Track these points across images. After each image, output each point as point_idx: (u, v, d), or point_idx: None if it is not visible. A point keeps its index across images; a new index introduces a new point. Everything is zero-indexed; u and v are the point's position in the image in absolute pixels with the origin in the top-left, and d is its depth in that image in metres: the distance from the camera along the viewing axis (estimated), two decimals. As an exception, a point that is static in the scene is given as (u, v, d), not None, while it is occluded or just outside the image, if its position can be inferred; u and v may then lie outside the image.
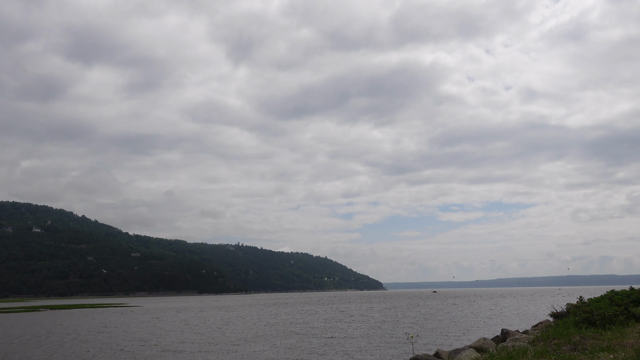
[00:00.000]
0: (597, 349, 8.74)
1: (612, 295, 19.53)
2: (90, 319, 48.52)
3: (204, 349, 21.74)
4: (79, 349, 22.78)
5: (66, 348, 23.16)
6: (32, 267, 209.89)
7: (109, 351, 21.76)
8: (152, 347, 22.80)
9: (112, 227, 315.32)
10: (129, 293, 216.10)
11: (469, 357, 11.16)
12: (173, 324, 39.56)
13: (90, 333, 30.70)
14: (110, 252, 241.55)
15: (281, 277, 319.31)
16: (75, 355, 20.58)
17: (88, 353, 21.44)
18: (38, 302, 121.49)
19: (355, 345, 21.75)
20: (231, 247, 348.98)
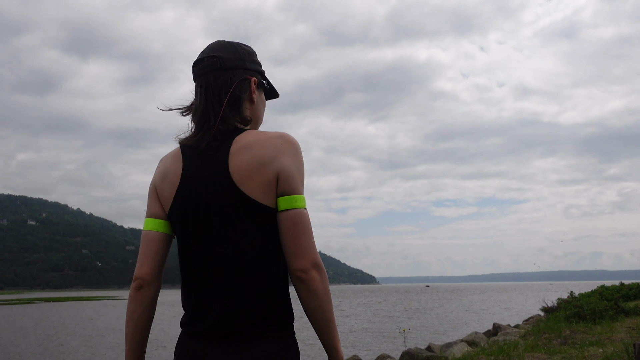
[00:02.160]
0: (586, 343, 8.87)
1: (602, 290, 19.77)
2: (80, 311, 48.59)
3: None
4: (60, 341, 22.87)
5: (50, 340, 23.23)
6: (27, 260, 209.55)
7: (88, 343, 21.82)
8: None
9: (107, 220, 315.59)
10: (123, 286, 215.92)
11: (460, 350, 11.28)
12: (160, 316, 39.72)
13: (77, 326, 30.78)
14: (105, 245, 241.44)
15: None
16: (55, 347, 20.65)
17: (67, 345, 21.53)
18: (33, 295, 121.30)
19: (347, 339, 21.90)
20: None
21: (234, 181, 1.30)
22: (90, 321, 35.11)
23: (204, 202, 1.34)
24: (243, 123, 1.42)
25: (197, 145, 1.37)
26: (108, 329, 28.58)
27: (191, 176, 1.37)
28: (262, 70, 1.53)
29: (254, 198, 1.30)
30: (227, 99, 1.38)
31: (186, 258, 1.46)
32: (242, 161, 1.31)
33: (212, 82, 1.39)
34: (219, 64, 1.41)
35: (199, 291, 1.37)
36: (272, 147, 1.34)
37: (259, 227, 1.32)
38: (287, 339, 1.36)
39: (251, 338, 1.30)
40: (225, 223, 1.32)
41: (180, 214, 1.41)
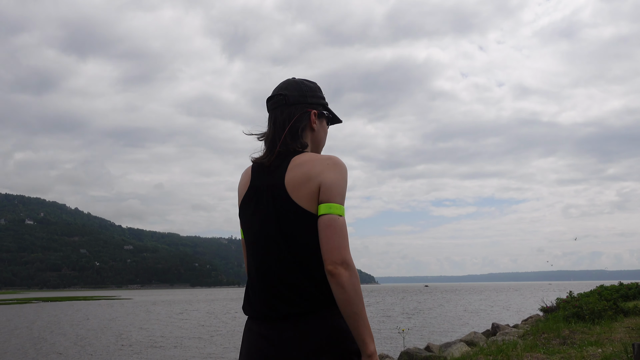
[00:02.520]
0: (585, 343, 8.84)
1: (601, 290, 19.73)
2: (75, 311, 48.46)
3: (179, 344, 21.79)
4: (51, 341, 22.80)
5: (40, 340, 23.16)
6: (25, 259, 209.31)
7: (80, 344, 21.73)
8: (125, 340, 22.90)
9: (105, 220, 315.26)
10: (121, 286, 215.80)
11: (459, 350, 11.25)
12: (158, 317, 39.63)
13: (71, 326, 30.69)
14: (103, 245, 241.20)
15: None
16: (47, 348, 20.59)
17: (59, 345, 21.47)
18: (30, 295, 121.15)
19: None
20: (224, 241, 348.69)
21: (287, 191, 1.64)
22: (86, 321, 35.04)
23: (263, 205, 1.69)
24: (302, 148, 1.74)
25: (263, 163, 1.74)
26: (98, 329, 28.52)
27: (256, 185, 1.74)
28: (324, 102, 1.87)
29: (300, 205, 1.62)
30: (287, 129, 1.74)
31: (249, 255, 1.75)
32: (294, 175, 1.64)
33: (279, 116, 1.78)
34: (284, 101, 1.79)
35: (255, 284, 1.70)
36: (319, 165, 1.65)
37: (305, 228, 1.62)
38: (331, 318, 1.60)
39: (300, 319, 1.59)
40: (278, 224, 1.64)
41: (244, 217, 1.76)
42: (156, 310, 46.80)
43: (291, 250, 1.63)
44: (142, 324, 31.81)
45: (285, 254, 1.63)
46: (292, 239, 1.63)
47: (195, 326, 29.28)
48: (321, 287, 1.60)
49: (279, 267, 1.63)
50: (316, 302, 1.59)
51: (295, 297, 1.60)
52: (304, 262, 1.62)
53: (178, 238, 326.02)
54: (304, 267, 1.61)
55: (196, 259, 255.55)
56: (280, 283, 1.62)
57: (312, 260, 1.61)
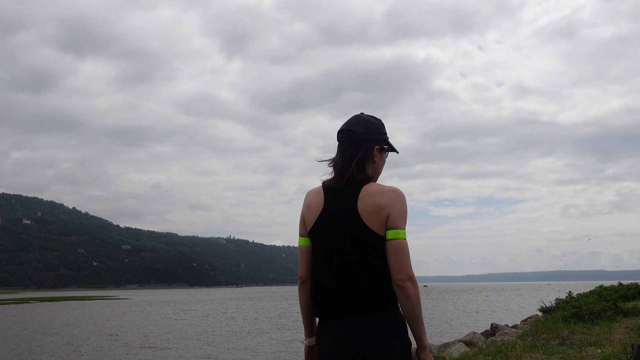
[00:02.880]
0: (585, 343, 8.80)
1: (600, 290, 19.69)
2: (71, 310, 48.30)
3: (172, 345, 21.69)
4: (41, 341, 22.68)
5: (31, 341, 23.04)
6: (22, 259, 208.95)
7: (72, 344, 21.63)
8: (118, 340, 22.77)
9: (103, 220, 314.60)
10: (119, 285, 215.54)
11: (458, 351, 11.20)
12: (153, 317, 39.54)
13: (65, 326, 30.55)
14: (101, 245, 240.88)
15: (273, 271, 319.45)
16: (38, 349, 20.47)
17: (49, 345, 21.37)
18: (28, 294, 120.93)
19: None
20: (222, 240, 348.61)
21: (360, 217, 2.00)
22: (78, 321, 34.95)
23: (338, 226, 2.04)
24: (366, 177, 2.09)
25: (334, 188, 2.08)
26: (90, 329, 28.42)
27: (330, 208, 2.07)
28: (385, 138, 2.19)
29: (371, 228, 1.99)
30: (355, 162, 2.08)
31: (319, 267, 2.11)
32: (366, 204, 2.01)
33: (347, 149, 2.10)
34: (353, 137, 2.11)
35: (327, 289, 2.07)
36: (387, 197, 2.01)
37: (374, 247, 2.00)
38: (387, 315, 2.00)
39: (369, 315, 2.00)
40: (353, 242, 2.02)
41: (319, 233, 2.10)
42: (152, 310, 46.70)
43: (362, 264, 2.01)
44: (136, 324, 31.73)
45: (358, 266, 2.01)
46: (363, 255, 2.01)
47: (189, 326, 29.23)
48: (382, 292, 2.01)
49: (352, 276, 2.02)
50: (377, 303, 2.00)
51: (363, 299, 2.00)
52: (372, 272, 2.01)
53: (176, 238, 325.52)
54: (371, 276, 2.01)
55: (194, 258, 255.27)
56: (353, 288, 2.01)
57: (377, 272, 2.01)
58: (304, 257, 2.20)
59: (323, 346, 2.09)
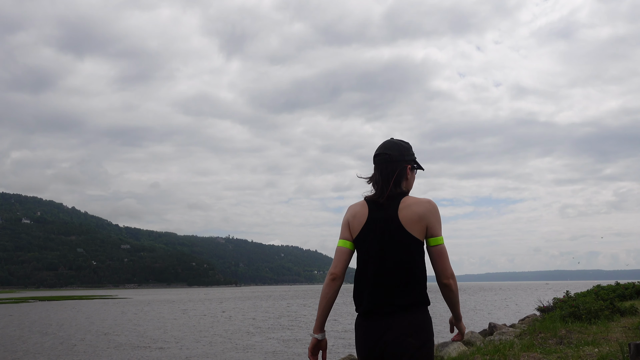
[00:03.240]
0: (582, 342, 8.84)
1: (598, 290, 19.77)
2: (66, 310, 48.21)
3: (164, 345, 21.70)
4: (31, 341, 22.67)
5: (22, 340, 23.05)
6: (21, 258, 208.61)
7: (66, 344, 21.63)
8: (116, 340, 22.78)
9: (102, 219, 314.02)
10: (118, 285, 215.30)
11: (456, 350, 11.26)
12: (152, 316, 39.55)
13: (61, 326, 30.53)
14: (100, 244, 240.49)
15: (271, 270, 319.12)
16: (32, 348, 20.48)
17: (38, 345, 21.37)
18: (27, 294, 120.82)
19: (342, 338, 21.86)
20: (221, 240, 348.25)
21: (402, 224, 2.41)
22: (75, 321, 34.93)
23: (382, 233, 2.45)
24: (402, 191, 2.52)
25: (377, 201, 2.50)
26: (86, 329, 28.42)
27: (375, 217, 2.48)
28: (414, 158, 2.61)
29: (412, 234, 2.40)
30: (392, 181, 2.50)
31: (365, 267, 2.49)
32: (407, 214, 2.42)
33: (384, 169, 2.52)
34: (389, 159, 2.53)
35: (373, 289, 2.44)
36: (424, 208, 2.42)
37: (414, 250, 2.41)
38: (426, 313, 2.44)
39: (406, 313, 2.38)
40: (395, 246, 2.42)
41: (365, 239, 2.49)
42: (150, 310, 46.68)
43: (403, 264, 2.41)
44: (134, 323, 31.74)
45: (400, 268, 2.41)
46: (404, 256, 2.41)
47: (187, 326, 29.24)
48: (419, 290, 2.43)
49: (394, 276, 2.41)
50: (414, 300, 2.40)
51: (402, 296, 2.39)
52: (411, 272, 2.41)
53: (175, 237, 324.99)
54: (411, 276, 2.41)
55: (193, 258, 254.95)
56: (394, 286, 2.41)
57: (416, 271, 2.43)
58: (342, 258, 2.55)
59: (362, 337, 2.47)
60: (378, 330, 2.39)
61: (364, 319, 2.46)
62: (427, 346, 2.40)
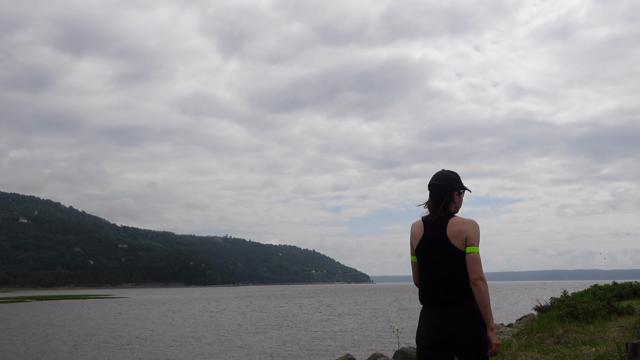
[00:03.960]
0: (579, 342, 8.86)
1: (595, 289, 19.79)
2: (63, 310, 48.07)
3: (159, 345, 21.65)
4: (14, 342, 22.60)
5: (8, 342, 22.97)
6: (19, 258, 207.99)
7: (64, 345, 21.56)
8: (115, 340, 22.72)
9: (100, 218, 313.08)
10: (116, 284, 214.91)
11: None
12: (151, 315, 39.52)
13: (52, 326, 30.44)
14: (98, 243, 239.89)
15: (269, 270, 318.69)
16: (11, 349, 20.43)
17: (34, 346, 21.30)
18: (24, 293, 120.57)
19: (340, 338, 21.86)
20: (219, 239, 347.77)
21: (449, 239, 3.16)
22: (68, 321, 34.84)
23: (434, 246, 3.22)
24: (450, 213, 3.27)
25: (430, 221, 3.27)
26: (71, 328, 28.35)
27: (429, 234, 3.25)
28: (461, 184, 3.34)
29: (456, 246, 3.14)
30: (441, 205, 3.26)
31: (424, 272, 3.28)
32: (453, 231, 3.16)
33: (435, 196, 3.29)
34: (438, 189, 3.29)
35: (429, 288, 3.23)
36: (465, 226, 3.16)
37: (459, 258, 3.14)
38: (470, 303, 3.11)
39: (458, 305, 3.12)
40: (444, 256, 3.17)
41: (422, 251, 3.28)
42: (148, 309, 46.62)
43: (451, 270, 3.16)
44: (131, 322, 31.70)
45: (448, 272, 3.16)
46: (451, 264, 3.16)
47: (186, 325, 29.22)
48: (464, 288, 3.12)
49: (445, 278, 3.17)
50: (461, 296, 3.13)
51: (452, 293, 3.14)
52: (457, 275, 3.15)
53: (173, 237, 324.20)
54: (457, 278, 3.15)
55: (191, 257, 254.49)
56: (446, 285, 3.16)
57: (460, 275, 3.14)
58: (415, 269, 3.39)
59: (424, 323, 3.25)
60: (436, 318, 3.17)
61: (427, 311, 3.25)
62: (476, 329, 3.10)
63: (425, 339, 3.18)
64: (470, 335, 3.06)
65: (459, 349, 3.09)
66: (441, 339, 3.11)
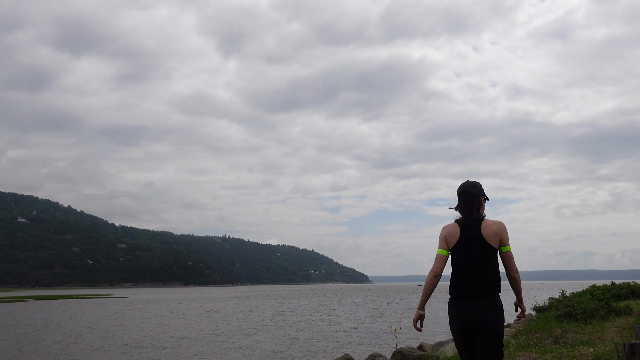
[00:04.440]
0: (577, 342, 8.86)
1: (593, 290, 19.81)
2: (57, 310, 47.98)
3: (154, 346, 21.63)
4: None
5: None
6: (17, 258, 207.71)
7: (58, 345, 21.52)
8: (114, 340, 22.68)
9: (98, 218, 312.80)
10: (114, 284, 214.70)
11: (452, 349, 11.26)
12: (149, 315, 39.46)
13: (45, 326, 30.39)
14: (96, 243, 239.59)
15: (267, 270, 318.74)
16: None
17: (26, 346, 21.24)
18: (23, 293, 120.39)
19: (338, 338, 21.85)
20: (218, 239, 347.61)
21: (484, 238, 3.70)
22: (63, 322, 34.78)
23: (471, 244, 3.72)
24: (481, 216, 3.82)
25: (465, 223, 3.78)
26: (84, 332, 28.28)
27: (465, 234, 3.75)
28: (484, 192, 3.92)
29: (491, 244, 3.69)
30: (474, 208, 3.79)
31: (460, 268, 3.76)
32: (488, 231, 3.70)
33: (468, 201, 3.80)
34: (470, 195, 3.82)
35: (467, 281, 3.70)
36: (498, 227, 3.71)
37: (493, 255, 3.71)
38: (499, 297, 3.71)
39: (488, 297, 3.66)
40: (480, 253, 3.70)
41: (459, 250, 3.75)
42: (147, 309, 46.58)
43: (488, 266, 3.69)
44: (130, 323, 31.66)
45: (485, 268, 3.69)
46: (488, 261, 3.70)
47: (185, 325, 29.18)
48: (496, 283, 3.71)
49: (483, 274, 3.68)
50: (493, 290, 3.69)
51: (486, 287, 3.68)
52: (492, 271, 3.71)
53: (171, 236, 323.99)
54: (492, 273, 3.70)
55: (190, 257, 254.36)
56: (484, 280, 3.68)
57: (494, 270, 3.71)
58: (442, 261, 3.82)
59: (458, 312, 3.74)
60: (468, 308, 3.68)
61: (458, 301, 3.75)
62: (500, 317, 3.68)
63: (462, 324, 3.70)
64: (498, 322, 3.66)
65: (487, 333, 3.63)
66: (475, 325, 3.64)
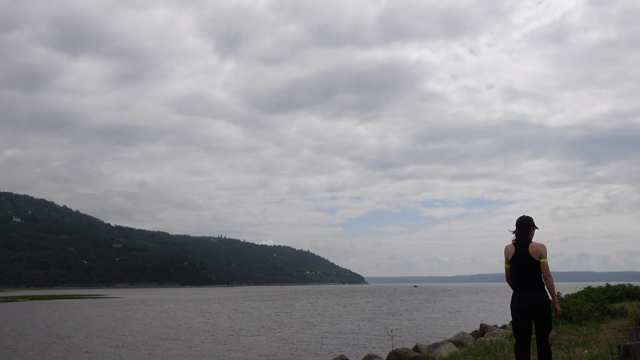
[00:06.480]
0: (572, 344, 8.89)
1: (588, 291, 19.86)
2: (49, 309, 47.80)
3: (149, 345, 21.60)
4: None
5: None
6: (12, 257, 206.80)
7: (53, 344, 21.45)
8: (113, 341, 22.64)
9: (94, 218, 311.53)
10: (110, 284, 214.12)
11: (447, 351, 11.29)
12: (147, 315, 39.41)
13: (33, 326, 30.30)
14: (92, 243, 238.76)
15: (263, 270, 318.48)
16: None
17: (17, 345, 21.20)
18: (17, 293, 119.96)
19: (335, 339, 21.85)
20: (214, 240, 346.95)
21: (530, 254, 5.79)
22: (59, 321, 34.66)
23: (522, 259, 5.84)
24: (530, 239, 5.89)
25: (518, 244, 5.89)
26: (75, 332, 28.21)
27: (518, 252, 5.87)
28: (534, 223, 5.98)
29: (535, 259, 5.78)
30: (525, 234, 5.88)
31: (516, 273, 5.84)
32: (532, 250, 5.80)
33: (522, 230, 5.89)
34: (524, 224, 5.91)
35: (521, 282, 5.79)
36: (540, 247, 5.81)
37: (535, 266, 5.77)
38: (544, 290, 5.79)
39: (536, 290, 5.74)
40: (529, 265, 5.79)
41: (515, 262, 5.87)
42: (146, 308, 46.52)
43: (533, 273, 5.71)
44: (128, 323, 31.63)
45: (531, 274, 5.71)
46: (532, 269, 5.71)
47: (184, 325, 29.17)
48: (539, 282, 5.70)
49: (530, 276, 5.71)
50: (538, 286, 5.70)
51: (533, 284, 5.69)
52: (536, 275, 5.71)
53: (167, 237, 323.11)
54: (536, 276, 5.71)
55: (185, 257, 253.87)
56: (531, 280, 5.70)
57: (537, 274, 5.71)
58: (508, 271, 5.91)
59: (517, 301, 5.72)
60: (526, 297, 5.65)
61: (519, 293, 5.71)
62: (548, 302, 5.66)
63: (519, 307, 5.67)
64: (546, 306, 5.63)
65: (537, 314, 5.61)
66: (527, 308, 5.63)
